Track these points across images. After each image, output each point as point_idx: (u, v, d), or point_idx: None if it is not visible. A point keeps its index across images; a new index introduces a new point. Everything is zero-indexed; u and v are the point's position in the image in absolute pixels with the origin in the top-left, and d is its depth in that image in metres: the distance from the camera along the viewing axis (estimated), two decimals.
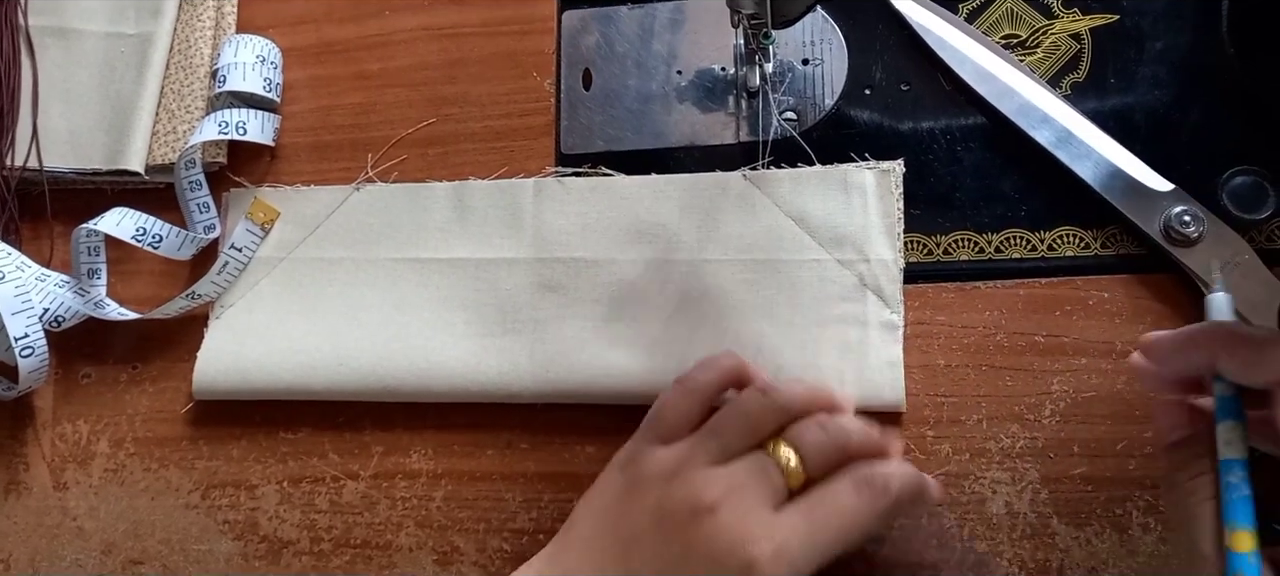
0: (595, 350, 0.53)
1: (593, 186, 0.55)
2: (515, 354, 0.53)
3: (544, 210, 0.55)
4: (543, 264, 0.55)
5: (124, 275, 0.60)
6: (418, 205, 0.57)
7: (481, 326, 0.54)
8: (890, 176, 0.52)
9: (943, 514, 0.49)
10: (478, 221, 0.56)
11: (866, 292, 0.51)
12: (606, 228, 0.55)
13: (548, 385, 0.53)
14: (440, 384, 0.54)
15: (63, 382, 0.59)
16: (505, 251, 0.55)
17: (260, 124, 0.59)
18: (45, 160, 0.60)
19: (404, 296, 0.56)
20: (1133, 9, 0.52)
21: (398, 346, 0.55)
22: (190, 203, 0.59)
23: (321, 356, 0.55)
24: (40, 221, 0.61)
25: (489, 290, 0.55)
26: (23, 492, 0.58)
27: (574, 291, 0.54)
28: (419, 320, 0.55)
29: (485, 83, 0.59)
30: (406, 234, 0.57)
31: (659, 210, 0.54)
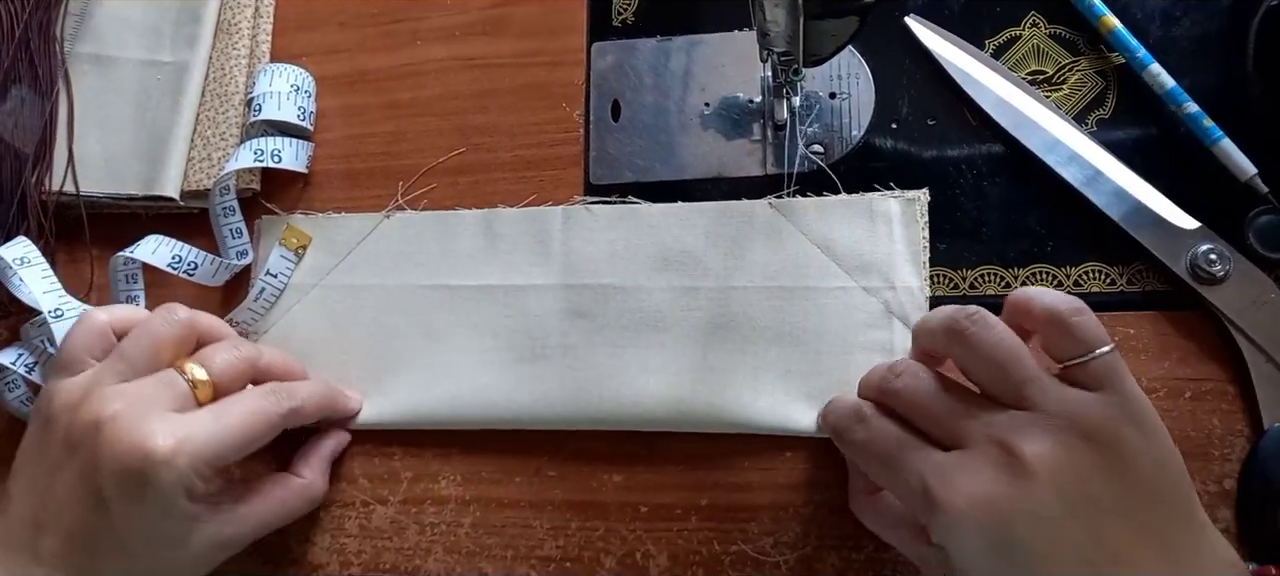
0: (625, 376, 0.53)
1: (620, 214, 0.56)
2: (545, 380, 0.54)
3: (572, 237, 0.56)
4: (572, 290, 0.55)
5: (159, 300, 0.60)
6: (447, 232, 0.58)
7: (512, 353, 0.55)
8: (915, 205, 0.53)
9: None
10: (507, 248, 0.57)
11: (893, 320, 0.52)
12: (634, 255, 0.55)
13: (578, 411, 0.53)
14: (471, 411, 0.54)
15: None
16: (534, 278, 0.56)
17: (294, 151, 0.60)
18: (81, 185, 0.61)
19: (434, 323, 0.56)
20: (1158, 46, 0.52)
21: (428, 374, 0.55)
22: (223, 228, 0.60)
23: (353, 384, 0.56)
24: (77, 245, 0.62)
25: (518, 316, 0.55)
26: None
27: (602, 318, 0.55)
28: (449, 346, 0.56)
29: (515, 113, 0.60)
30: (436, 261, 0.57)
31: (686, 238, 0.55)
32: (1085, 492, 0.38)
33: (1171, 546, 0.38)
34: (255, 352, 0.51)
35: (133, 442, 0.44)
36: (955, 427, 0.41)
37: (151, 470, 0.44)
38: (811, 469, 0.52)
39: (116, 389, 0.46)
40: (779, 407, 0.52)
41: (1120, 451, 0.38)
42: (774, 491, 0.52)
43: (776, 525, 0.51)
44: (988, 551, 0.39)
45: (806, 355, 0.52)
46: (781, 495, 0.52)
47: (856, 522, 0.50)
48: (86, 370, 0.49)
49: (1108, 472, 0.38)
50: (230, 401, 0.48)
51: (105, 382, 0.47)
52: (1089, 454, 0.38)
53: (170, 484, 0.44)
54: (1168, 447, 0.40)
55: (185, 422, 0.46)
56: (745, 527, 0.52)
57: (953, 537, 0.39)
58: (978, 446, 0.40)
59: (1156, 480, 0.39)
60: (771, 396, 0.52)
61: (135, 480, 0.44)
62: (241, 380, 0.50)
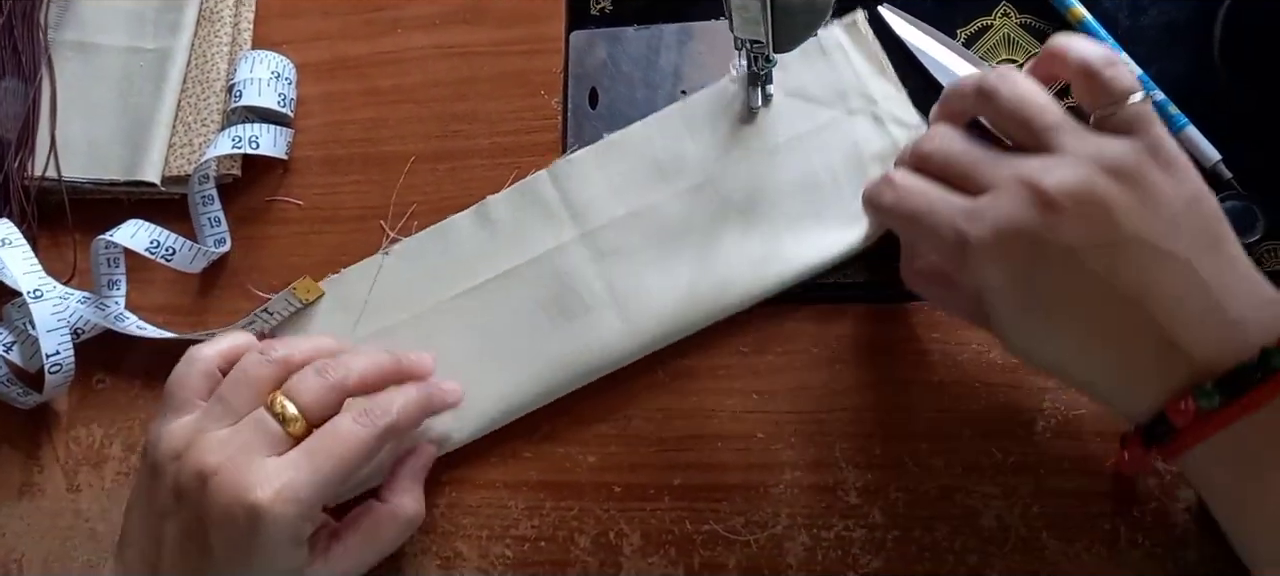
0: (675, 287, 0.54)
1: (600, 151, 0.57)
2: (605, 324, 0.54)
3: (568, 191, 0.57)
4: (591, 237, 0.56)
5: (139, 283, 0.61)
6: (448, 241, 0.58)
7: (563, 315, 0.55)
8: (858, 25, 0.56)
9: (934, 526, 0.50)
10: (510, 229, 0.57)
11: (886, 126, 0.54)
12: (631, 179, 0.56)
13: (646, 337, 0.54)
14: (554, 380, 0.54)
15: (78, 387, 0.60)
16: (550, 242, 0.56)
17: (273, 138, 0.60)
18: (64, 170, 0.62)
19: (480, 324, 0.56)
20: (1126, 35, 0.53)
21: (496, 373, 0.55)
22: (202, 217, 0.60)
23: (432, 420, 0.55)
24: (59, 230, 0.62)
25: (553, 281, 0.56)
26: (36, 494, 0.60)
27: (630, 247, 0.55)
28: (504, 339, 0.55)
29: (494, 100, 0.61)
30: (450, 271, 0.57)
31: (670, 144, 0.56)
32: (1111, 226, 0.38)
33: (1199, 280, 0.39)
34: (344, 372, 0.48)
35: (236, 496, 0.43)
36: (985, 175, 0.41)
37: (257, 523, 0.43)
38: (782, 449, 0.52)
39: (218, 439, 0.45)
40: (825, 244, 0.53)
41: (1148, 189, 0.39)
42: (745, 471, 0.52)
43: (748, 504, 0.52)
44: (1012, 283, 0.40)
45: (827, 191, 0.54)
46: (753, 475, 0.52)
47: (826, 503, 0.51)
48: (192, 412, 0.48)
49: (1135, 208, 0.39)
50: (323, 435, 0.46)
51: (207, 430, 0.46)
52: (1116, 189, 0.39)
53: (277, 533, 0.43)
54: (1197, 187, 0.40)
55: (283, 469, 0.44)
56: (717, 507, 0.52)
57: (981, 272, 0.41)
58: (1006, 187, 0.40)
59: (1185, 217, 0.39)
60: (814, 239, 0.54)
61: (243, 533, 0.43)
62: (332, 408, 0.47)
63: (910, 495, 0.51)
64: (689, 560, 0.52)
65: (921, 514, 0.50)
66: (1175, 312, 0.38)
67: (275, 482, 0.43)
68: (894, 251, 0.50)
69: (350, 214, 0.60)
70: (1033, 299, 0.40)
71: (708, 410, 0.54)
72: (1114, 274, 0.39)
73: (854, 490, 0.51)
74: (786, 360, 0.54)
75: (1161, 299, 0.38)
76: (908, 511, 0.51)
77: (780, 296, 0.54)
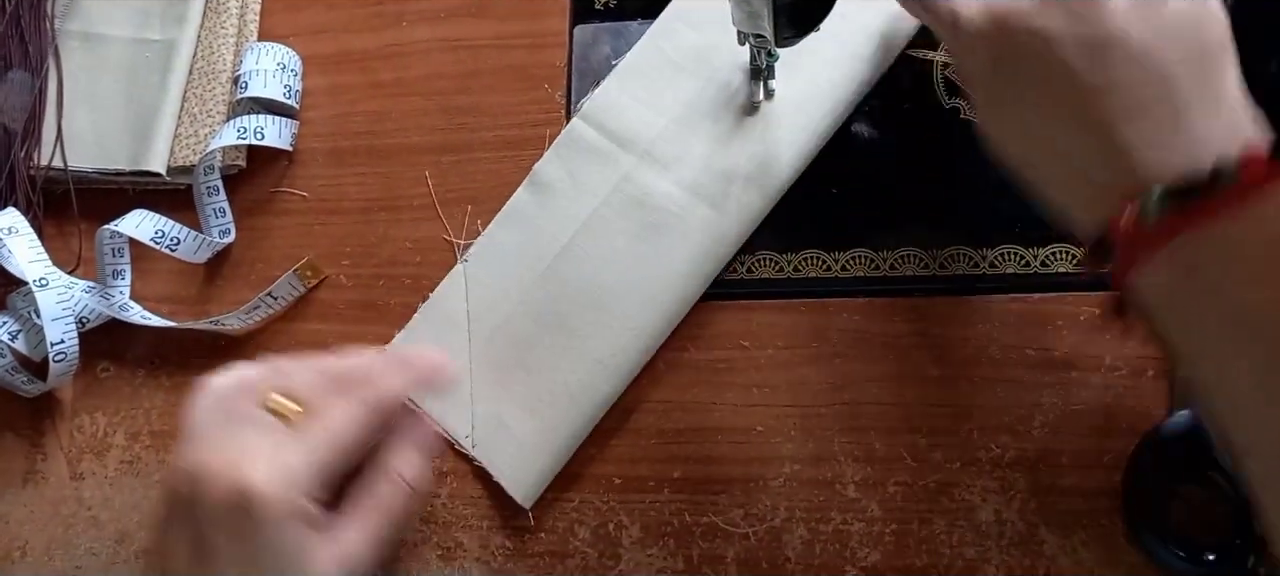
0: (744, 163, 0.55)
1: (619, 77, 0.58)
2: (699, 222, 0.55)
3: (605, 124, 0.57)
4: (646, 155, 0.56)
5: (143, 273, 0.62)
6: (517, 223, 0.57)
7: (658, 231, 0.55)
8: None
9: (932, 520, 0.50)
10: (568, 185, 0.57)
11: None
12: (656, 88, 0.58)
13: (760, 206, 0.54)
14: (680, 295, 0.54)
15: (82, 376, 0.61)
16: (613, 177, 0.57)
17: (278, 129, 0.60)
18: (70, 160, 0.62)
19: (585, 281, 0.55)
20: None
21: (625, 310, 0.54)
22: (207, 207, 0.60)
23: (592, 392, 0.54)
24: (65, 219, 0.63)
25: (634, 208, 0.56)
26: (40, 482, 0.60)
27: (685, 147, 0.56)
28: (615, 278, 0.55)
29: (498, 93, 0.61)
30: (533, 247, 0.56)
31: (678, 42, 0.58)
32: (1097, 19, 0.38)
33: (1173, 95, 0.37)
34: (334, 361, 0.48)
35: (230, 484, 0.42)
36: None
37: (252, 504, 0.41)
38: (782, 442, 0.53)
39: (215, 443, 0.45)
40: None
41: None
42: (745, 464, 0.53)
43: (747, 497, 0.52)
44: (994, 67, 0.40)
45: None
46: (752, 468, 0.53)
47: (825, 496, 0.51)
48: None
49: (1127, 7, 0.37)
50: (313, 415, 0.45)
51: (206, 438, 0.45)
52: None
53: (274, 512, 0.42)
54: (1205, 9, 0.38)
55: (274, 450, 0.43)
56: (716, 499, 0.53)
57: (969, 53, 0.41)
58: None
59: (1179, 30, 0.38)
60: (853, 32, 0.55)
61: (241, 519, 0.42)
62: (325, 393, 0.47)
63: (908, 489, 0.51)
64: (688, 552, 0.52)
65: (919, 508, 0.51)
66: (1134, 119, 0.37)
67: (265, 462, 0.43)
68: (895, 243, 0.51)
69: (354, 205, 0.61)
70: (1010, 87, 0.40)
71: (707, 403, 0.54)
72: (1088, 69, 0.37)
73: (852, 484, 0.52)
74: (787, 354, 0.54)
75: (1125, 103, 0.37)
76: (906, 505, 0.51)
77: (779, 291, 0.54)
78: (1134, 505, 0.48)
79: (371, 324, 0.59)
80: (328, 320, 0.59)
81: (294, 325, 0.60)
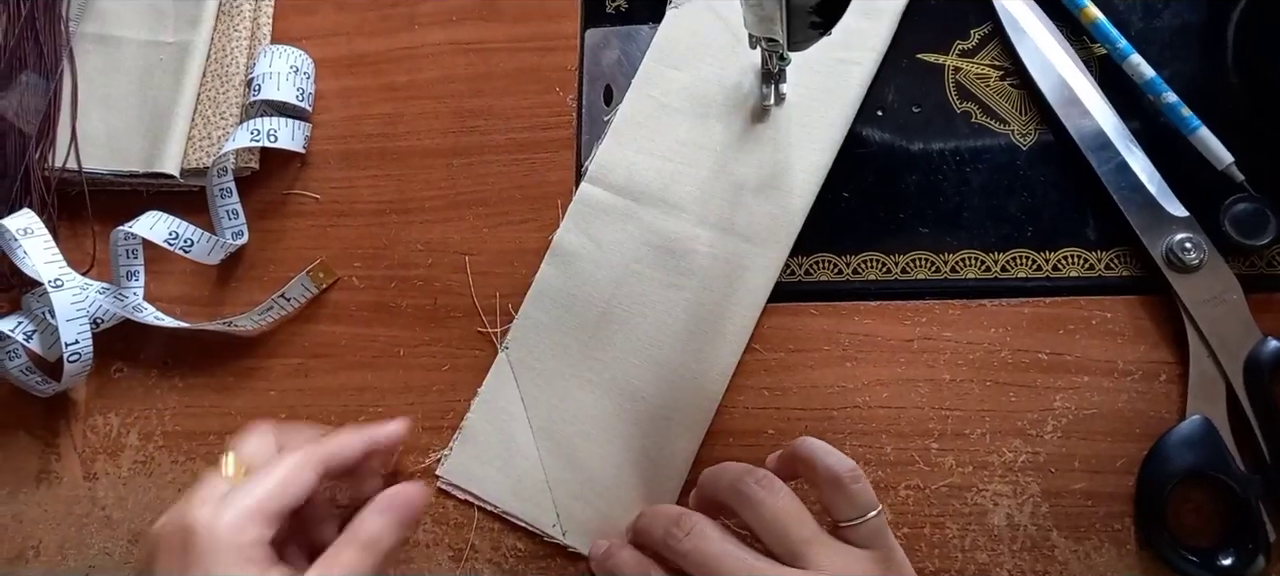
0: (768, 168, 0.55)
1: (615, 134, 0.58)
2: (744, 250, 0.55)
3: (613, 183, 0.57)
4: (663, 204, 0.56)
5: (157, 275, 0.62)
6: (549, 299, 0.57)
7: (706, 270, 0.55)
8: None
9: (944, 524, 0.50)
10: (592, 250, 0.57)
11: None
12: (652, 133, 0.58)
13: (785, 216, 0.55)
14: (746, 318, 0.54)
15: (96, 377, 0.61)
16: (634, 231, 0.56)
17: (291, 132, 0.61)
18: (84, 162, 0.62)
19: (633, 340, 0.55)
20: (1140, 37, 0.53)
21: (679, 362, 0.54)
22: (221, 209, 0.61)
23: (671, 451, 0.54)
24: (79, 220, 0.63)
25: (669, 256, 0.56)
26: (54, 482, 0.60)
27: (695, 185, 0.56)
28: (660, 329, 0.55)
29: (510, 97, 0.61)
30: (573, 318, 0.56)
31: (660, 82, 0.58)
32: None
33: None
34: (284, 430, 0.50)
35: (175, 525, 0.43)
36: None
37: (192, 537, 0.42)
38: None
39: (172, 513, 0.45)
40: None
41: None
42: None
43: None
44: None
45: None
46: None
47: None
48: None
49: None
50: (264, 467, 0.46)
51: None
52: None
53: (215, 544, 0.42)
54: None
55: (223, 496, 0.44)
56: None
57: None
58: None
59: None
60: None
61: (186, 554, 0.42)
62: (273, 452, 0.48)
63: (920, 493, 0.51)
64: None
65: (931, 511, 0.51)
66: None
67: (209, 504, 0.43)
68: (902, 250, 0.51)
69: (367, 208, 0.61)
70: None
71: (720, 406, 0.54)
72: None
73: None
74: (798, 358, 0.54)
75: None
76: (917, 509, 0.51)
77: (791, 294, 0.54)
78: (1147, 509, 0.48)
79: (383, 325, 0.59)
80: (340, 321, 0.60)
81: (307, 326, 0.60)
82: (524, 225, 0.59)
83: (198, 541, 0.42)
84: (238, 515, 0.43)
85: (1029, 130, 0.54)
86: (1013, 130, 0.54)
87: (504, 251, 0.59)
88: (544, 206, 0.59)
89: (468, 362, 0.57)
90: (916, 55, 0.56)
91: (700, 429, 0.54)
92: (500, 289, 0.58)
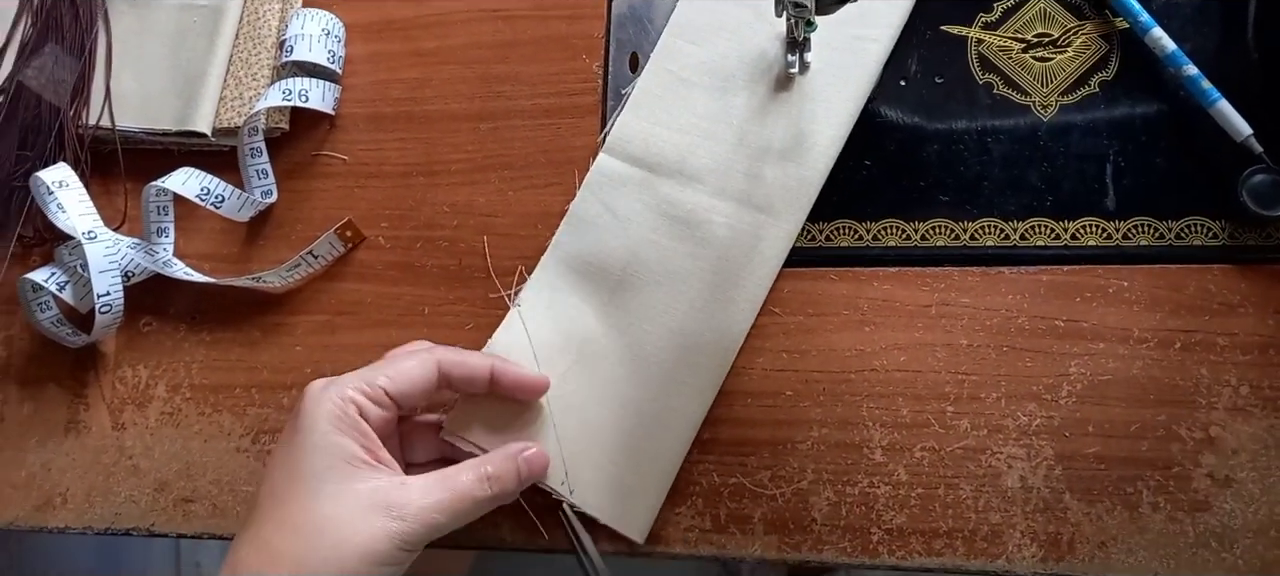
0: (790, 135, 0.56)
1: (633, 106, 0.59)
2: (759, 221, 0.55)
3: (631, 154, 0.58)
4: (680, 176, 0.57)
5: (186, 232, 0.63)
6: (564, 263, 0.58)
7: (723, 240, 0.56)
8: None
9: (958, 485, 0.51)
10: (608, 218, 0.57)
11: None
12: (670, 107, 0.58)
13: (801, 185, 0.55)
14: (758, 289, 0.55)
15: (125, 330, 0.62)
16: (649, 199, 0.57)
17: (321, 93, 0.62)
18: (117, 120, 0.64)
19: (653, 304, 0.56)
20: (1162, 11, 0.54)
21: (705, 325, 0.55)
22: (250, 169, 0.62)
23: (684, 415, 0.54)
24: (111, 177, 0.64)
25: (685, 226, 0.56)
26: (82, 432, 0.61)
27: (713, 158, 0.57)
28: (678, 294, 0.55)
29: (536, 63, 0.62)
30: (591, 281, 0.57)
31: (680, 56, 0.59)
32: None
33: None
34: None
35: (303, 394, 0.49)
36: None
37: (300, 402, 0.49)
38: (810, 407, 0.53)
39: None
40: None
41: None
42: (773, 427, 0.54)
43: (774, 459, 0.53)
44: None
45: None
46: (780, 432, 0.53)
47: (852, 460, 0.52)
48: None
49: None
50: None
51: None
52: None
53: (313, 407, 0.48)
54: None
55: (343, 377, 0.50)
56: (744, 461, 0.53)
57: None
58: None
59: None
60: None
61: (292, 416, 0.49)
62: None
63: (935, 455, 0.52)
64: (715, 511, 0.53)
65: (945, 473, 0.51)
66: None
67: (327, 381, 0.49)
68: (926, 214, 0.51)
69: (394, 170, 0.62)
70: None
71: (738, 367, 0.55)
72: None
73: (879, 448, 0.52)
74: (817, 321, 0.55)
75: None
76: (932, 470, 0.51)
77: (812, 259, 0.55)
78: None
79: (409, 285, 0.60)
80: (365, 280, 0.61)
81: (333, 284, 0.61)
82: (547, 189, 0.60)
83: (305, 404, 0.49)
84: (343, 387, 0.49)
85: (1050, 102, 0.55)
86: (1034, 102, 0.55)
87: (527, 214, 0.60)
88: (568, 171, 0.60)
89: (491, 322, 0.58)
90: (939, 27, 0.57)
91: (710, 393, 0.54)
92: (522, 251, 0.59)
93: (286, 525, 0.47)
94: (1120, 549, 0.49)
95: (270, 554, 0.46)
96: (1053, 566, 0.49)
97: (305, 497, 0.47)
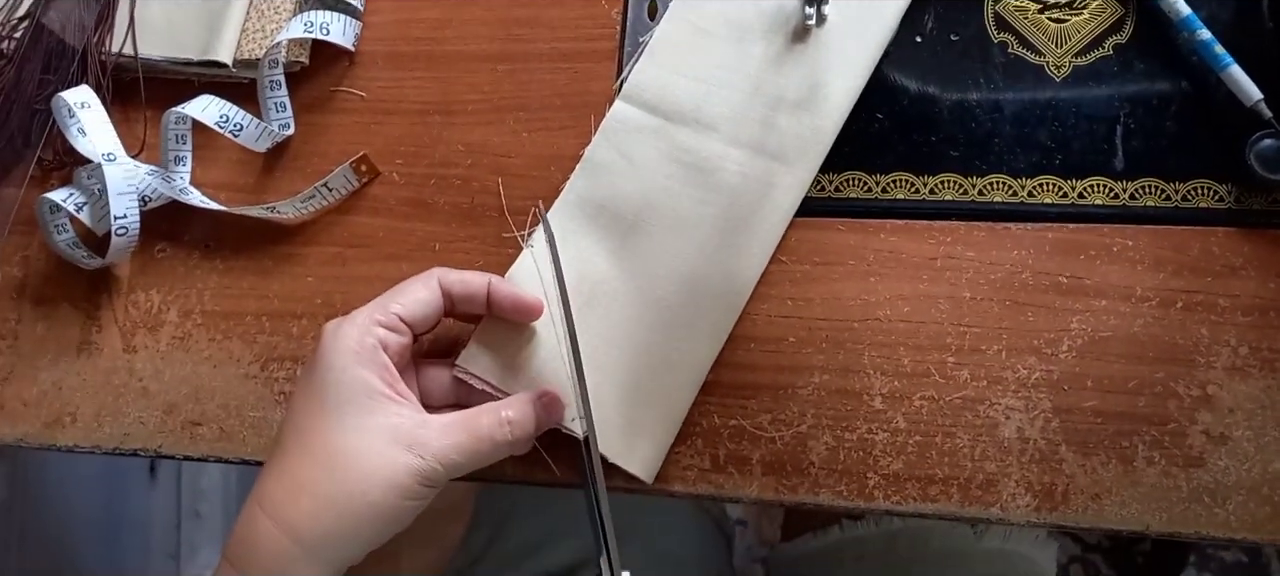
0: (806, 86, 0.56)
1: (650, 54, 0.59)
2: (773, 170, 0.56)
3: (646, 101, 0.58)
4: (696, 124, 0.57)
5: (203, 160, 0.64)
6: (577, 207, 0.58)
7: (736, 188, 0.56)
8: None
9: (955, 434, 0.52)
10: (622, 165, 0.58)
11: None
12: (687, 55, 0.59)
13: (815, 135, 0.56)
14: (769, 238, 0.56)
15: (140, 255, 0.63)
16: (664, 146, 0.57)
17: (342, 27, 0.62)
18: (141, 48, 0.65)
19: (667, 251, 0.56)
20: None
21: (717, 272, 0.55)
22: (269, 101, 0.62)
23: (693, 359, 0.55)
24: (132, 105, 0.65)
25: (699, 174, 0.56)
26: (94, 353, 0.62)
27: (729, 105, 0.57)
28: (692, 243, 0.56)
29: (556, 8, 0.63)
30: (606, 225, 0.57)
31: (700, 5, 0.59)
32: None
33: None
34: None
35: (322, 331, 0.51)
36: None
37: (322, 338, 0.50)
38: (813, 353, 0.54)
39: None
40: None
41: None
42: (775, 372, 0.54)
43: (775, 403, 0.54)
44: None
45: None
46: (782, 376, 0.54)
47: (851, 406, 0.53)
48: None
49: None
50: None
51: None
52: None
53: (333, 341, 0.50)
54: None
55: (357, 312, 0.51)
56: (746, 404, 0.54)
57: None
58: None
59: None
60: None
61: (314, 352, 0.51)
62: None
63: (934, 404, 0.52)
64: (715, 451, 0.54)
65: (943, 422, 0.52)
66: None
67: (343, 318, 0.51)
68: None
69: (411, 108, 0.63)
70: None
71: (744, 313, 0.55)
72: None
73: (879, 396, 0.53)
74: (823, 270, 0.55)
75: None
76: (930, 419, 0.52)
77: (820, 209, 0.56)
78: None
79: (421, 220, 0.61)
80: (378, 215, 0.61)
81: (346, 216, 0.62)
82: (563, 132, 0.60)
83: (324, 340, 0.50)
84: (361, 320, 0.50)
85: (1064, 62, 0.55)
86: (1048, 62, 0.55)
87: (541, 156, 0.60)
88: (584, 115, 0.60)
89: (502, 260, 0.58)
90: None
91: (721, 336, 0.55)
92: (536, 191, 0.59)
93: (309, 455, 0.48)
94: (1114, 501, 0.49)
95: (296, 482, 0.48)
96: (1046, 516, 0.50)
97: (327, 431, 0.48)
